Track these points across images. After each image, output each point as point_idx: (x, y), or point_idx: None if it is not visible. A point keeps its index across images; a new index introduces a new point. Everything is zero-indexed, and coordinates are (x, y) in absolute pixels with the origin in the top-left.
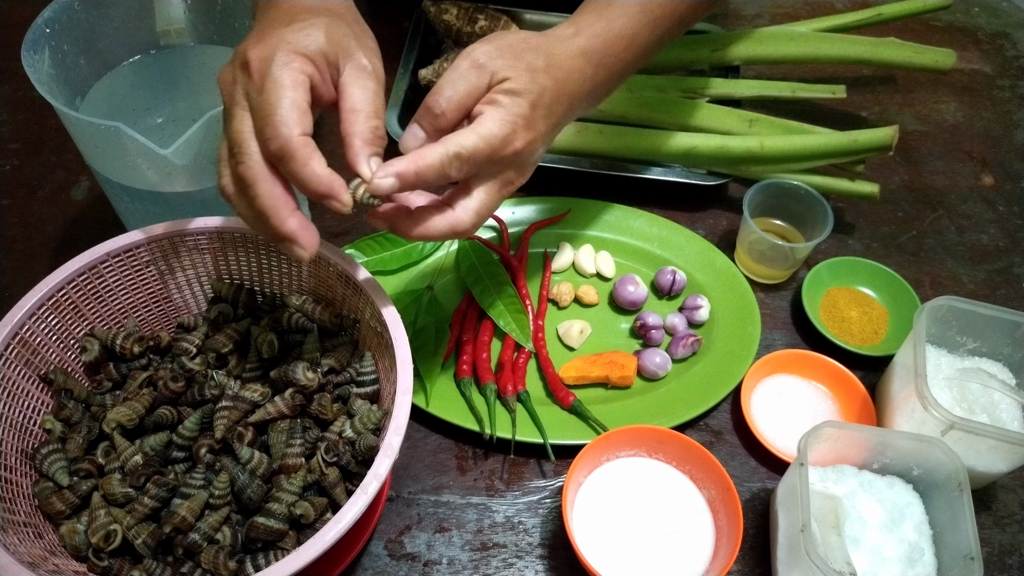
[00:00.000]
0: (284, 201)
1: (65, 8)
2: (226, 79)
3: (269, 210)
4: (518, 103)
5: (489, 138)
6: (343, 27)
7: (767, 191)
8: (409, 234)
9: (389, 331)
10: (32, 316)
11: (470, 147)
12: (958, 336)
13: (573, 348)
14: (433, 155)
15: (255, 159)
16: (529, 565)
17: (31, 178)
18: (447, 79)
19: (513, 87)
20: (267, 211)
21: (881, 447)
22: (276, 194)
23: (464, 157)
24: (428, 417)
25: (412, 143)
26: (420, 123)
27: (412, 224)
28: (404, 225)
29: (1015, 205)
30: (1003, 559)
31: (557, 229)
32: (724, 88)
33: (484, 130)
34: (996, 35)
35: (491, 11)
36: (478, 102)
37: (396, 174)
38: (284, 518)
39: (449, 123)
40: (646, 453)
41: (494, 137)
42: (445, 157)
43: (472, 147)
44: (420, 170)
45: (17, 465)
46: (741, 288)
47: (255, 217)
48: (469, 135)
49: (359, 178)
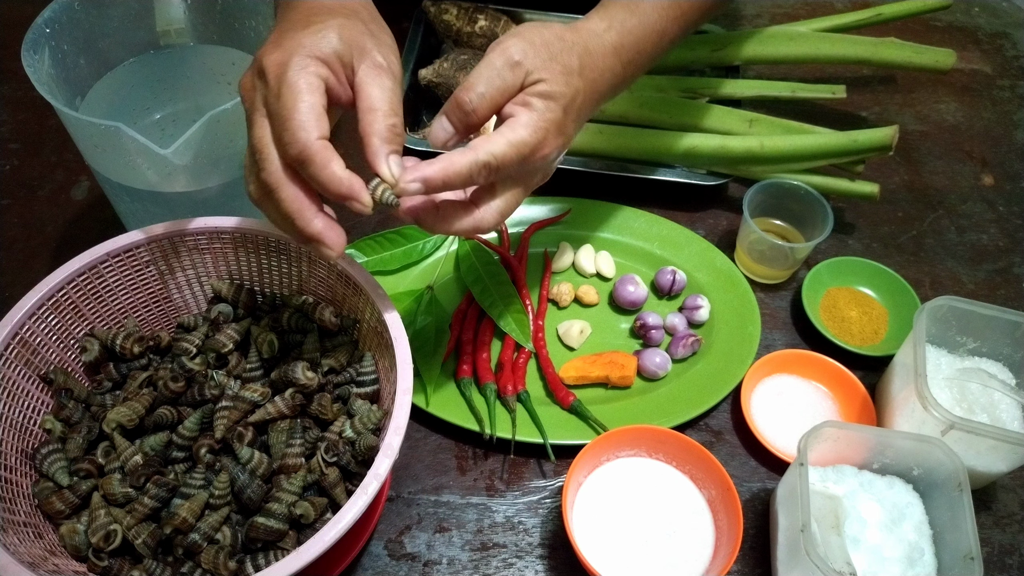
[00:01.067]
0: (307, 204)
1: (65, 8)
2: (246, 86)
3: (294, 213)
4: (552, 108)
5: (520, 146)
6: (358, 25)
7: (767, 191)
8: (434, 230)
9: (389, 331)
10: (32, 316)
11: (500, 155)
12: (958, 336)
13: (573, 348)
14: (463, 163)
15: (276, 165)
16: (529, 565)
17: (31, 178)
18: (480, 75)
19: (548, 90)
20: (292, 215)
21: (881, 447)
22: (299, 198)
23: (494, 166)
24: (428, 417)
25: (441, 136)
26: (449, 118)
27: (438, 221)
28: (430, 221)
29: (1015, 205)
30: (1003, 559)
31: (557, 229)
32: (724, 88)
33: (516, 137)
34: (996, 35)
35: (491, 11)
36: (510, 100)
37: (423, 179)
38: (284, 518)
39: (480, 120)
40: (646, 453)
41: (525, 145)
42: (475, 165)
43: (503, 155)
44: (448, 177)
45: (17, 465)
46: (741, 288)
47: (282, 220)
48: (500, 143)
49: (378, 178)
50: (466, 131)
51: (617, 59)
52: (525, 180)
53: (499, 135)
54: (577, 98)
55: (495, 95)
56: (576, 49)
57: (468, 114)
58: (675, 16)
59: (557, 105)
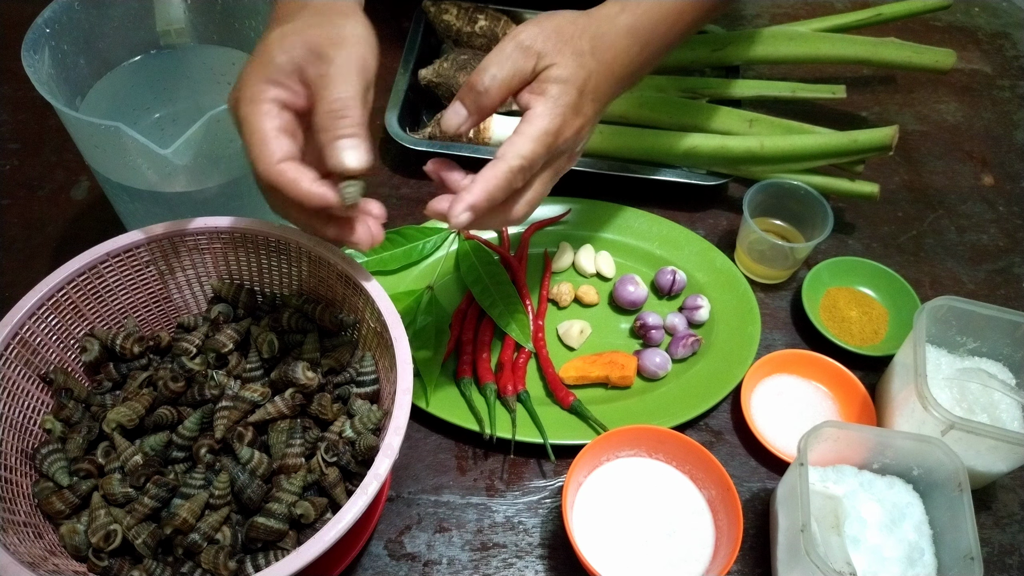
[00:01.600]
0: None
1: (65, 8)
2: None
3: (305, 228)
4: (566, 91)
5: (543, 136)
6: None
7: (767, 191)
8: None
9: (389, 331)
10: (32, 316)
11: (529, 154)
12: (958, 336)
13: (573, 348)
14: (499, 175)
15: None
16: (529, 565)
17: (31, 178)
18: (492, 59)
19: (560, 74)
20: (304, 229)
21: (881, 447)
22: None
23: (526, 167)
24: (428, 417)
25: (455, 121)
26: (463, 101)
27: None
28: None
29: (1015, 205)
30: (1003, 559)
31: (557, 229)
32: (724, 88)
33: (536, 130)
34: (996, 35)
35: (491, 11)
36: (523, 85)
37: (470, 208)
38: (284, 518)
39: (492, 102)
40: (646, 453)
41: (547, 134)
42: (510, 174)
43: (531, 153)
44: (491, 195)
45: (17, 465)
46: (741, 288)
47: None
48: (524, 142)
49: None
50: (479, 114)
51: (633, 40)
52: (552, 165)
53: (519, 134)
54: (591, 79)
55: (507, 77)
56: (587, 32)
57: (480, 94)
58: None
59: (571, 87)
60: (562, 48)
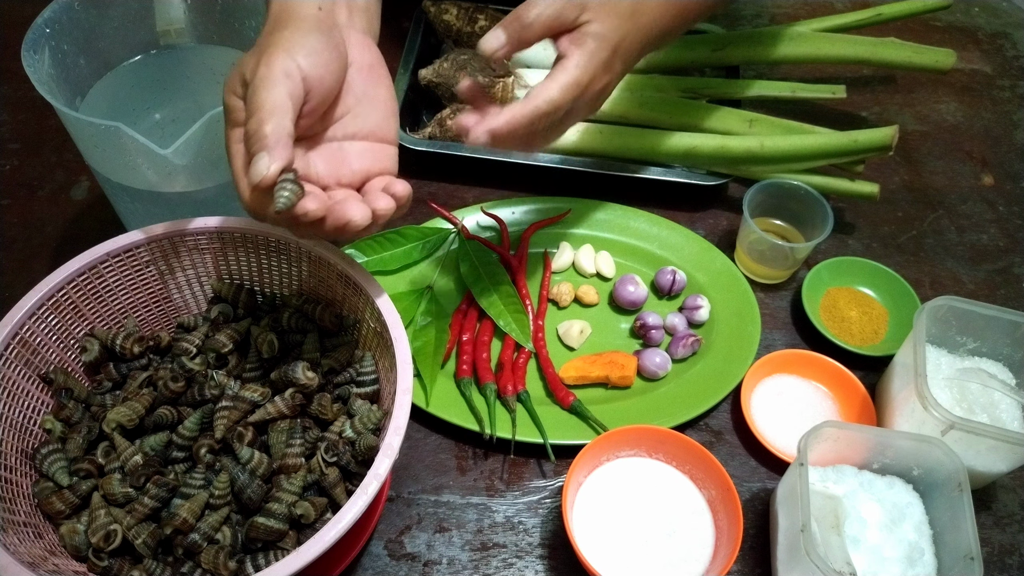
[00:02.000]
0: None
1: (65, 8)
2: None
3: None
4: (601, 47)
5: (572, 87)
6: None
7: (767, 191)
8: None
9: (389, 331)
10: (32, 316)
11: (557, 100)
12: (958, 336)
13: (573, 348)
14: (525, 113)
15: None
16: (529, 565)
17: (31, 178)
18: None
19: (599, 30)
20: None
21: (881, 447)
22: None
23: (551, 112)
24: (428, 417)
25: (493, 44)
26: (506, 29)
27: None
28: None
29: (1015, 205)
30: (1003, 559)
31: (557, 229)
32: (724, 88)
33: (568, 79)
34: (996, 35)
35: (491, 11)
36: (563, 31)
37: (492, 132)
38: (284, 518)
39: (532, 36)
40: (646, 453)
41: (578, 86)
42: (536, 113)
43: (560, 99)
44: (513, 128)
45: (17, 465)
46: (741, 288)
47: None
48: (554, 88)
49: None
50: (517, 44)
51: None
52: (573, 113)
53: (551, 80)
54: (626, 40)
55: (551, 18)
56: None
57: (525, 27)
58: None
59: (607, 45)
60: (604, 5)
